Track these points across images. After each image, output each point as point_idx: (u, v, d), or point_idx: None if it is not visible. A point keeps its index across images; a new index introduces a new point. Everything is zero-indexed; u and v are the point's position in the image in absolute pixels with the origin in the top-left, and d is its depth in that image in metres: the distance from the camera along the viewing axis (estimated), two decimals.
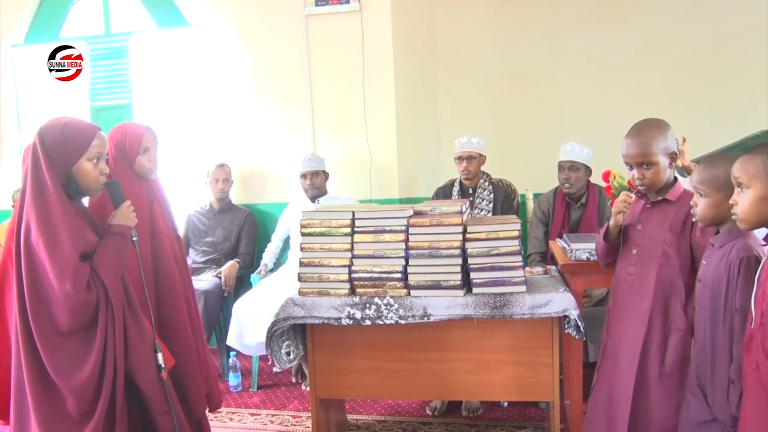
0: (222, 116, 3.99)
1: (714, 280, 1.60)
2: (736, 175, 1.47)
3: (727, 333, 1.56)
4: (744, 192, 1.45)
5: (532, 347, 2.21)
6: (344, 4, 3.69)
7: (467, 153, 3.28)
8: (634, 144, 1.88)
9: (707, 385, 1.63)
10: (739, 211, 1.47)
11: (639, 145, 1.87)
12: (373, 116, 3.72)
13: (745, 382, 1.43)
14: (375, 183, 3.76)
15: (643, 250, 1.91)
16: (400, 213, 2.23)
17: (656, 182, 1.89)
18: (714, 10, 3.89)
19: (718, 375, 1.59)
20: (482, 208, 3.29)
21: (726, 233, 1.63)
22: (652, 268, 1.88)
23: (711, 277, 1.62)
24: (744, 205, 1.45)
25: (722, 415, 1.57)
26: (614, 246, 2.04)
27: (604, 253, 2.07)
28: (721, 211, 1.61)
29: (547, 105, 4.10)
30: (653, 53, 3.97)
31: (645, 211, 1.96)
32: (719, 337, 1.58)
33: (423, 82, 4.16)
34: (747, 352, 1.43)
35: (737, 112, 3.75)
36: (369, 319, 2.21)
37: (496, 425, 2.73)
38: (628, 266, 1.95)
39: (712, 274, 1.62)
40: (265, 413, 3.01)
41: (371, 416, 2.91)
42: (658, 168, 1.86)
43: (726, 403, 1.54)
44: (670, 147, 1.89)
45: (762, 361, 1.36)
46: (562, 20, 4.07)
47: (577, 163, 3.08)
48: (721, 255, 1.60)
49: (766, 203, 1.42)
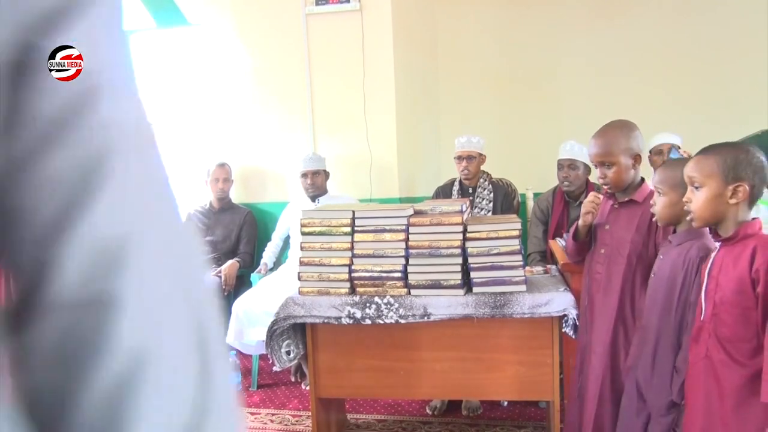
0: (222, 115, 3.99)
1: (670, 275, 1.69)
2: (690, 175, 1.55)
3: (676, 324, 1.67)
4: (698, 191, 1.54)
5: (533, 347, 2.21)
6: (344, 4, 3.68)
7: (467, 152, 3.27)
8: (597, 144, 1.95)
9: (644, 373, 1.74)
10: (693, 209, 1.55)
11: (601, 145, 1.93)
12: (373, 115, 3.72)
13: (692, 372, 1.55)
14: (375, 182, 3.76)
15: (611, 250, 1.96)
16: (400, 212, 2.23)
17: (618, 182, 1.93)
18: (714, 10, 3.90)
19: (660, 363, 1.70)
20: (482, 207, 3.29)
21: (684, 232, 1.72)
22: (618, 267, 1.92)
23: (667, 271, 1.71)
24: (698, 203, 1.53)
25: (658, 401, 1.69)
26: (583, 244, 2.09)
27: (573, 252, 2.14)
28: (677, 209, 1.70)
29: (547, 104, 4.11)
30: (653, 53, 3.97)
31: (613, 211, 2.00)
32: (666, 327, 1.69)
33: (423, 81, 4.16)
34: (695, 342, 1.54)
35: (737, 112, 3.75)
36: (369, 319, 2.22)
37: (496, 425, 2.73)
38: (597, 265, 2.00)
39: (668, 269, 1.71)
40: (265, 412, 3.01)
41: (371, 415, 2.91)
42: (619, 168, 1.91)
43: (668, 390, 1.66)
44: (633, 148, 1.93)
45: (713, 349, 1.47)
46: (562, 20, 4.07)
47: (577, 161, 3.08)
48: (678, 252, 1.70)
49: (720, 201, 1.50)
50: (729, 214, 1.51)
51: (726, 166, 1.49)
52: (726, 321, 1.47)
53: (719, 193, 1.50)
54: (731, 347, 1.45)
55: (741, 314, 1.44)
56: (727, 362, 1.46)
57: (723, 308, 1.47)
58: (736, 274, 1.45)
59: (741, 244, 1.48)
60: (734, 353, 1.45)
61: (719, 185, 1.50)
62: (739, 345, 1.44)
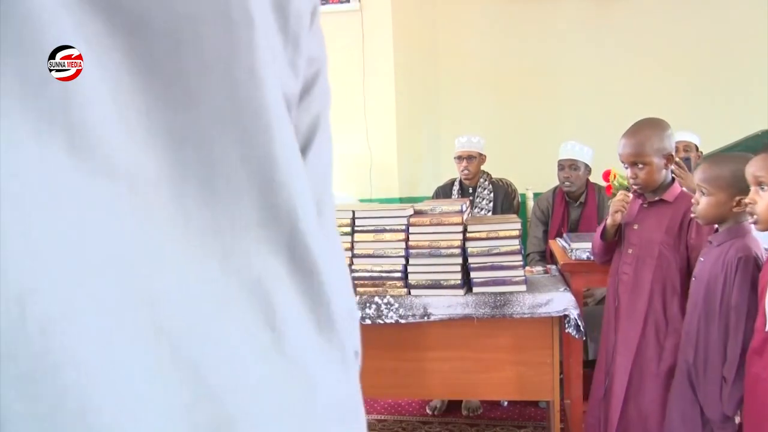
0: None
1: (710, 278, 1.60)
2: (756, 174, 1.41)
3: (722, 331, 1.55)
4: (764, 191, 1.39)
5: (532, 346, 2.21)
6: (344, 4, 3.68)
7: (467, 153, 3.27)
8: (629, 144, 1.89)
9: (699, 382, 1.63)
10: (759, 211, 1.41)
11: (633, 145, 1.88)
12: (373, 115, 3.72)
13: (756, 389, 1.39)
14: (375, 182, 3.76)
15: (640, 250, 1.91)
16: (400, 212, 2.23)
17: (650, 183, 1.88)
18: (715, 10, 3.89)
19: (710, 373, 1.58)
20: (482, 207, 3.29)
21: (725, 232, 1.62)
22: (648, 268, 1.88)
23: (707, 274, 1.61)
24: (764, 206, 1.39)
25: (713, 414, 1.57)
26: (611, 245, 2.04)
27: (601, 252, 2.08)
28: (723, 210, 1.60)
29: (547, 104, 4.11)
30: (654, 55, 3.97)
31: (642, 210, 1.96)
32: (712, 335, 1.58)
33: (423, 81, 4.15)
34: (759, 355, 1.38)
35: (738, 112, 3.75)
36: (369, 319, 2.21)
37: (495, 424, 2.73)
38: (624, 265, 1.95)
39: (708, 272, 1.61)
40: None
41: (371, 415, 2.91)
42: (651, 168, 1.86)
43: (718, 402, 1.54)
44: (665, 148, 1.88)
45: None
46: (562, 20, 4.07)
47: (578, 161, 3.08)
48: (718, 253, 1.60)
49: None
50: None
51: None
52: None
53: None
54: None
55: None
56: None
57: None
58: None
59: None
60: None
61: None
62: None
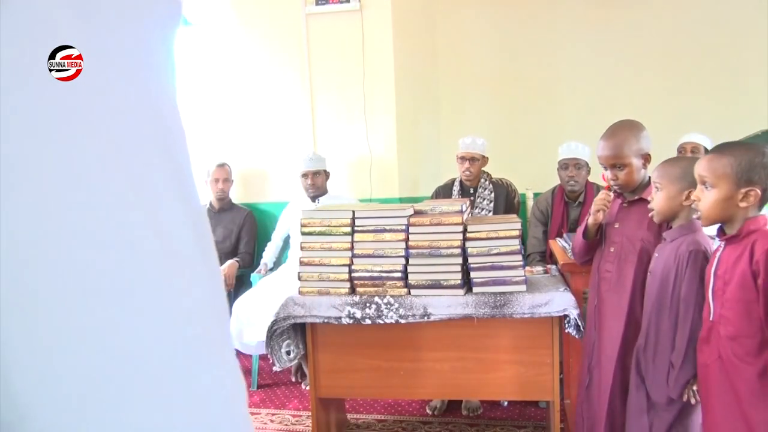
0: (222, 115, 3.99)
1: (663, 272, 1.69)
2: (702, 173, 1.51)
3: (672, 321, 1.66)
4: (708, 190, 1.50)
5: (532, 346, 2.21)
6: (344, 4, 3.68)
7: (470, 154, 3.27)
8: (607, 146, 1.93)
9: (648, 369, 1.73)
10: (702, 208, 1.52)
11: (612, 147, 1.91)
12: (373, 115, 3.72)
13: (707, 374, 1.51)
14: (375, 182, 3.76)
15: (621, 248, 1.95)
16: (400, 212, 2.23)
17: (629, 183, 1.92)
18: (714, 10, 3.89)
19: (659, 360, 1.69)
20: (483, 207, 3.29)
21: (678, 228, 1.72)
22: (630, 265, 1.91)
23: (661, 269, 1.71)
24: (707, 203, 1.51)
25: (659, 397, 1.69)
26: (593, 243, 2.07)
27: (582, 251, 2.11)
28: (674, 204, 1.69)
29: (546, 104, 4.10)
30: (653, 55, 3.97)
31: (622, 209, 1.99)
32: (663, 325, 1.69)
33: (423, 81, 4.15)
34: (706, 343, 1.51)
35: (737, 112, 3.75)
36: (369, 319, 2.22)
37: (495, 424, 2.73)
38: (606, 263, 1.98)
39: (662, 267, 1.71)
40: (265, 412, 3.01)
41: (371, 415, 2.91)
42: (631, 169, 1.90)
43: (665, 386, 1.66)
44: (643, 148, 1.92)
45: (724, 350, 1.45)
46: (562, 20, 4.07)
47: (581, 160, 3.08)
48: (671, 248, 1.70)
49: (729, 204, 1.47)
50: (737, 216, 1.48)
51: (740, 168, 1.44)
52: (730, 318, 1.44)
53: (730, 196, 1.46)
54: (737, 345, 1.43)
55: (744, 309, 1.42)
56: (735, 362, 1.43)
57: (728, 305, 1.45)
58: (739, 270, 1.43)
59: (745, 240, 1.45)
60: (740, 352, 1.42)
61: (730, 188, 1.46)
62: (744, 341, 1.42)
